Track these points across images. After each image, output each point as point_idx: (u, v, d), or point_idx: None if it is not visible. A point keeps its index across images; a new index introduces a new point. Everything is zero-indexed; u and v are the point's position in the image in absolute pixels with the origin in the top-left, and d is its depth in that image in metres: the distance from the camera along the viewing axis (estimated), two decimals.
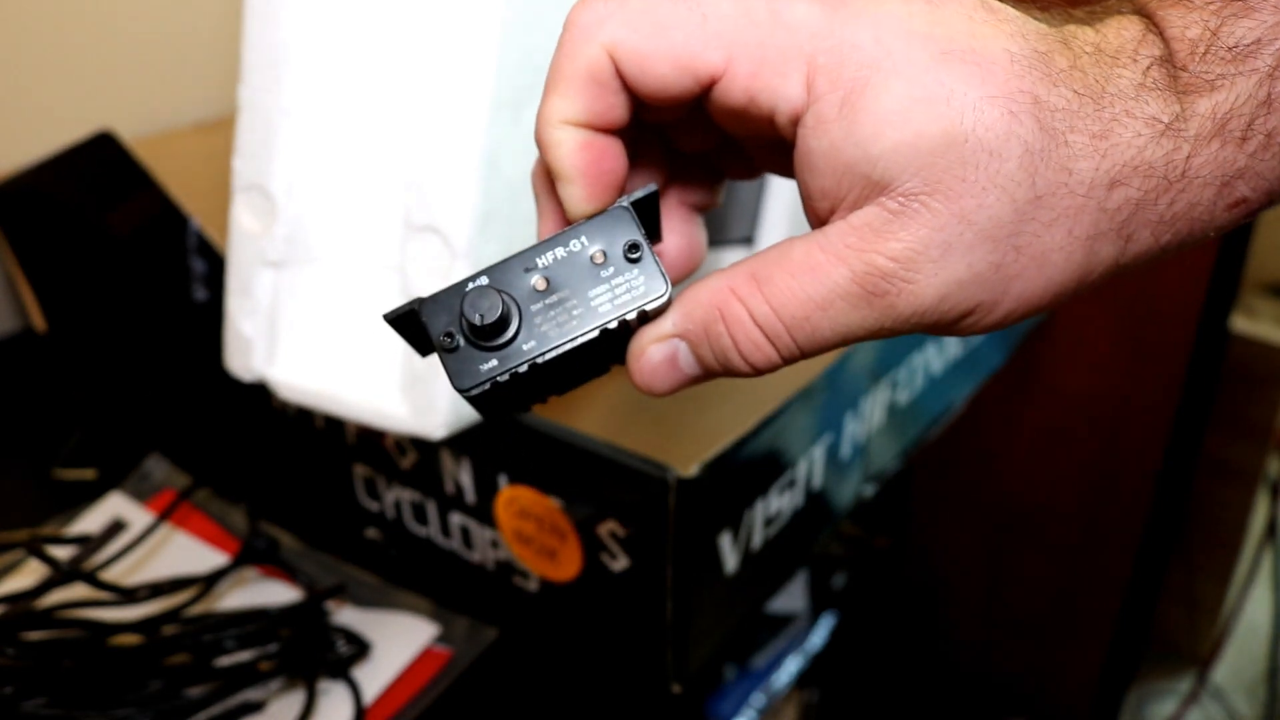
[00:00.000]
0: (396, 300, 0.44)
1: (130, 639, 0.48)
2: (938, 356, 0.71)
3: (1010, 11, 0.23)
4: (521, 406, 0.29)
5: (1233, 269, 0.92)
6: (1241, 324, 1.15)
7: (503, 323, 0.24)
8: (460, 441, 0.50)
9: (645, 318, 0.25)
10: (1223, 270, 0.92)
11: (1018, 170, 0.22)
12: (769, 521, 0.54)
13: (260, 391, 0.49)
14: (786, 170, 0.28)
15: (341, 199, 0.45)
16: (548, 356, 0.24)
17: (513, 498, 0.50)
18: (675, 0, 0.23)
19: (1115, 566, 1.09)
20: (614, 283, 0.24)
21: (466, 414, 0.44)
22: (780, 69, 0.23)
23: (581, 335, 0.24)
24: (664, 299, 0.25)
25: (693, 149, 0.28)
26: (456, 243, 0.41)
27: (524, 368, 0.24)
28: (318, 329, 0.47)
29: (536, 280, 0.24)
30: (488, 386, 0.25)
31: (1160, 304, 0.95)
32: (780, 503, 0.54)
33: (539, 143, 0.25)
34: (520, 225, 0.43)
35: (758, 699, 0.80)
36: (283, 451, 0.61)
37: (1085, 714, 1.18)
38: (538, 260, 0.25)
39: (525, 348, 0.24)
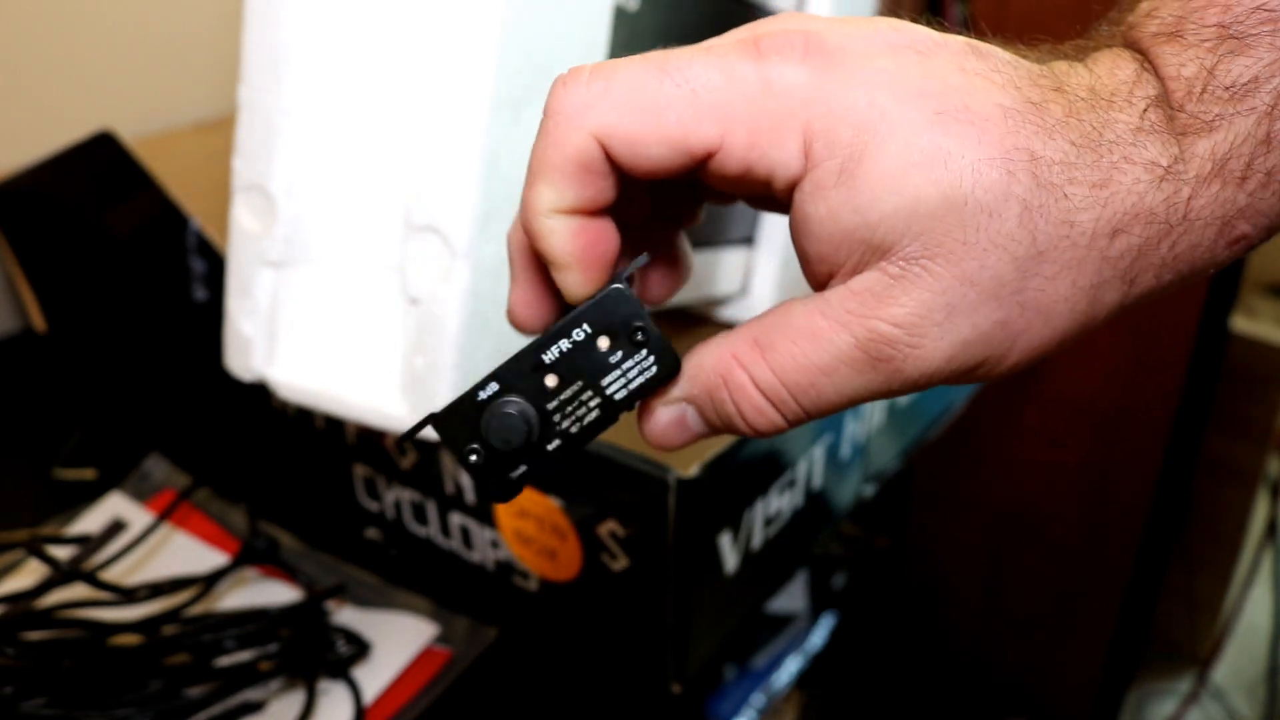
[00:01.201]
0: (396, 300, 0.44)
1: (130, 639, 0.48)
2: None
3: (1001, 56, 0.23)
4: (546, 479, 0.30)
5: (1233, 269, 0.92)
6: (1241, 324, 1.15)
7: (526, 440, 0.24)
8: None
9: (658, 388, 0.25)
10: (1223, 270, 0.92)
11: (1018, 228, 0.22)
12: (769, 521, 0.54)
13: (260, 391, 0.49)
14: (775, 210, 0.27)
15: (341, 199, 0.45)
16: (574, 453, 0.25)
17: None
18: (661, 76, 0.23)
19: (1115, 566, 1.09)
20: (624, 366, 0.24)
21: None
22: (776, 138, 0.22)
23: (602, 425, 0.25)
24: (677, 373, 0.25)
25: (671, 190, 0.28)
26: (456, 243, 0.41)
27: (550, 467, 0.25)
28: (318, 329, 0.47)
29: (548, 378, 0.24)
30: (520, 487, 0.25)
31: (1160, 304, 0.95)
32: (780, 503, 0.54)
33: (529, 232, 0.25)
34: None
35: (758, 699, 0.80)
36: (283, 451, 0.61)
37: (1085, 714, 1.18)
38: (544, 357, 0.24)
39: (550, 448, 0.25)
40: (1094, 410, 1.03)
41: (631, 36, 0.47)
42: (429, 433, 0.25)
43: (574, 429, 0.25)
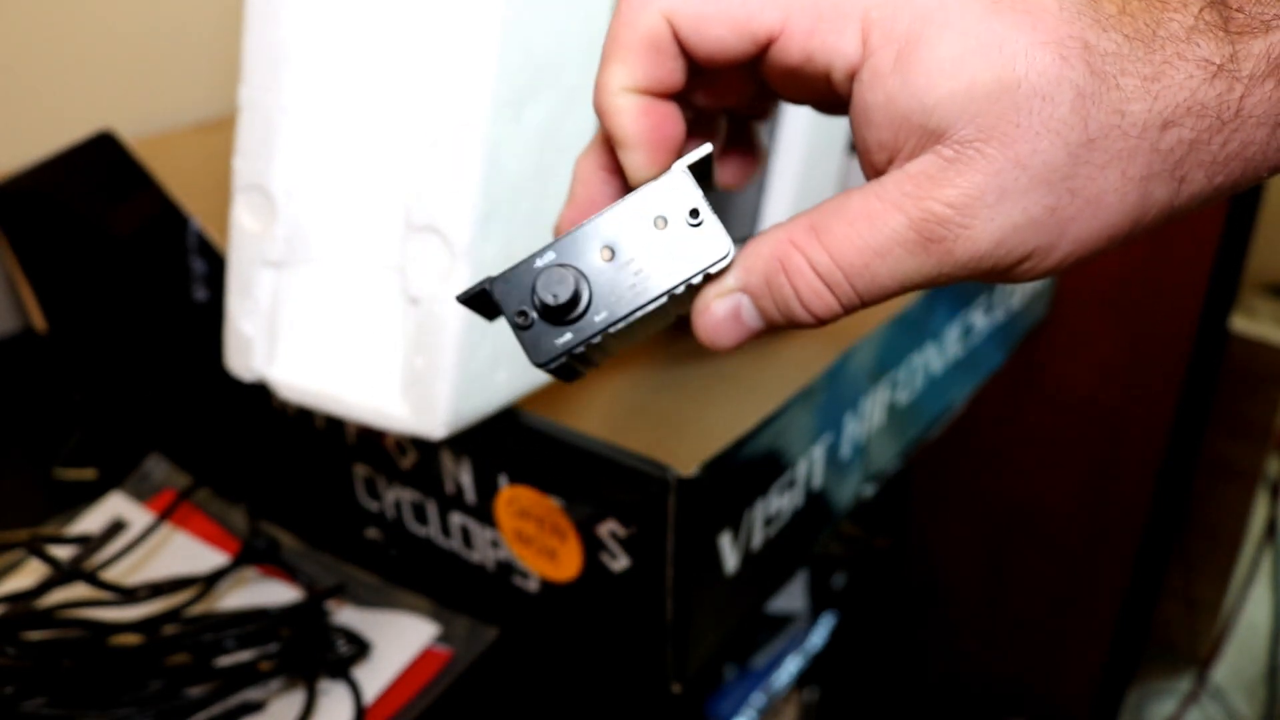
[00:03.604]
0: (396, 300, 0.44)
1: (130, 639, 0.48)
2: (938, 356, 0.71)
3: None
4: (593, 365, 0.30)
5: (1233, 269, 0.92)
6: (1241, 324, 1.15)
7: (574, 300, 0.25)
8: (460, 441, 0.50)
9: (709, 278, 0.26)
10: (1223, 270, 0.92)
11: (1070, 114, 0.22)
12: (769, 521, 0.54)
13: (260, 391, 0.49)
14: (835, 112, 0.28)
15: (341, 199, 0.45)
16: (619, 326, 0.25)
17: (513, 498, 0.50)
18: None
19: (1115, 566, 1.09)
20: (677, 247, 0.25)
21: (466, 414, 0.44)
22: (836, 26, 0.23)
23: (650, 302, 0.25)
24: (727, 260, 0.25)
25: (741, 84, 0.29)
26: (456, 243, 0.41)
27: (597, 338, 0.25)
28: (318, 329, 0.47)
29: (603, 251, 0.25)
30: (564, 359, 0.25)
31: (1160, 304, 0.95)
32: (780, 503, 0.54)
33: (598, 110, 0.25)
34: (520, 225, 0.43)
35: (758, 699, 0.80)
36: (283, 451, 0.61)
37: (1085, 714, 1.18)
38: (602, 230, 0.25)
39: (597, 319, 0.25)
40: (1094, 410, 1.03)
41: None
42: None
43: (620, 302, 0.25)
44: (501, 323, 0.42)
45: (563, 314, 0.25)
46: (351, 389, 0.46)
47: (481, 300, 0.26)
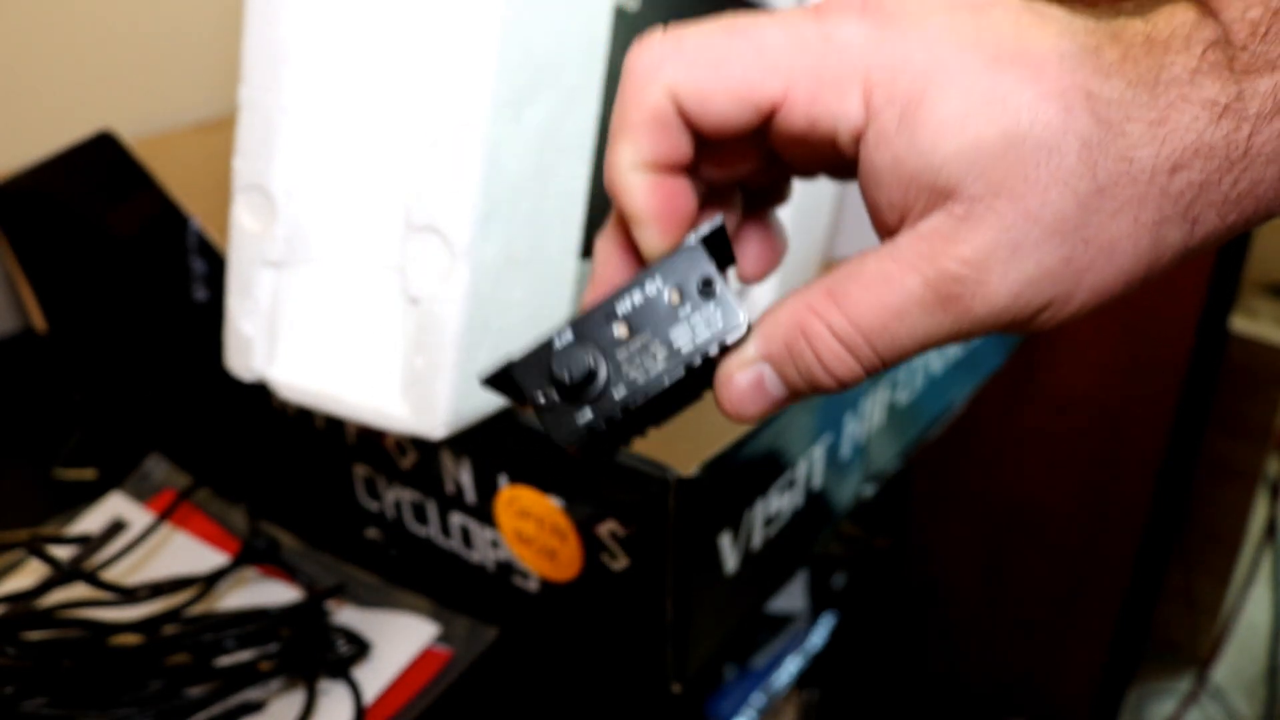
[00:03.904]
0: (396, 300, 0.44)
1: (130, 639, 0.48)
2: (938, 356, 0.71)
3: (1056, 11, 0.24)
4: (623, 442, 0.30)
5: (1233, 269, 0.92)
6: (1241, 324, 1.15)
7: (589, 377, 0.25)
8: (460, 441, 0.50)
9: (726, 349, 0.26)
10: (1222, 271, 0.92)
11: (1078, 164, 0.22)
12: (769, 521, 0.54)
13: (260, 391, 0.49)
14: (845, 176, 0.28)
15: (341, 199, 0.45)
16: (638, 402, 0.25)
17: (513, 498, 0.50)
18: (729, 35, 0.24)
19: (1115, 566, 1.09)
20: (693, 320, 0.25)
21: (467, 414, 0.44)
22: (838, 90, 0.23)
23: (667, 377, 0.25)
24: (742, 330, 0.25)
25: (755, 160, 0.29)
26: (456, 243, 0.41)
27: (617, 414, 0.25)
28: (318, 329, 0.47)
29: (619, 328, 0.25)
30: (585, 436, 0.26)
31: (1160, 304, 0.95)
32: (780, 503, 0.54)
33: (611, 190, 0.26)
34: (520, 225, 0.43)
35: (758, 699, 0.80)
36: (283, 451, 0.61)
37: (1085, 714, 1.18)
38: (618, 308, 0.25)
39: (616, 396, 0.25)
40: (1094, 410, 1.03)
41: (632, 36, 0.47)
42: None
43: (640, 378, 0.25)
44: (502, 323, 0.42)
45: (581, 392, 0.25)
46: (351, 389, 0.46)
47: (504, 381, 0.26)
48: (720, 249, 0.27)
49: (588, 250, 0.49)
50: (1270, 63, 0.22)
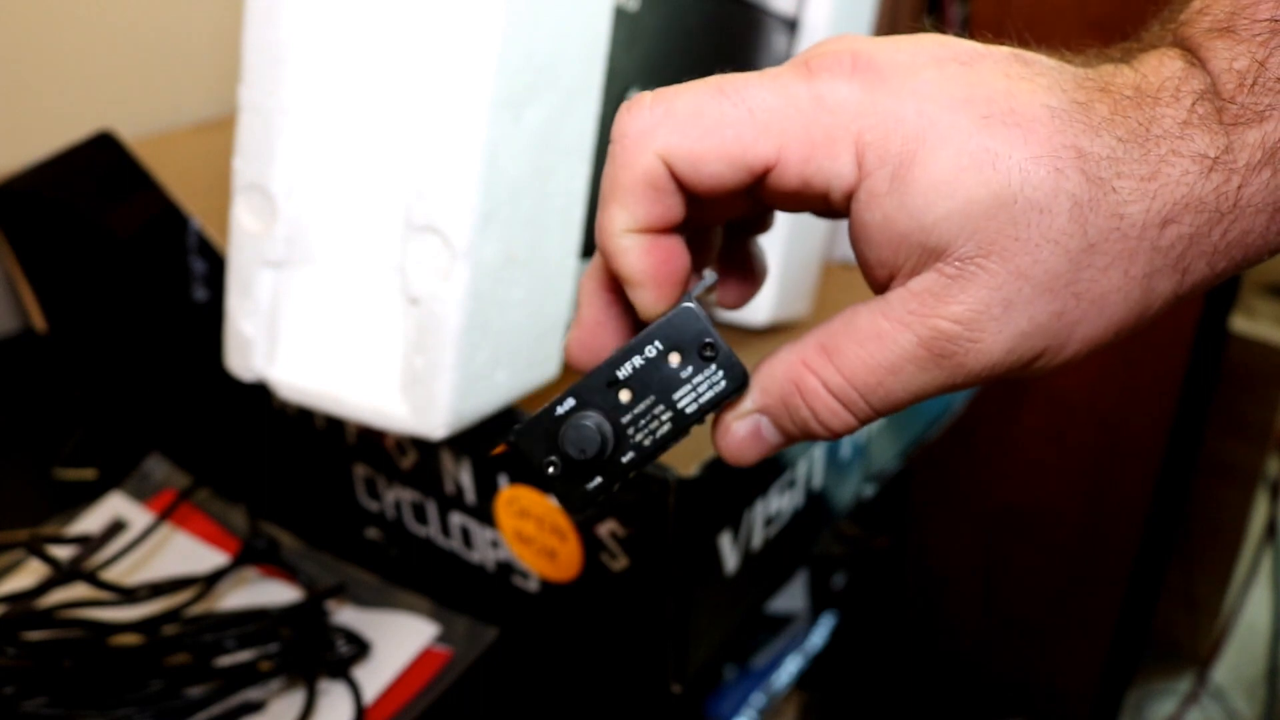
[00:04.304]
0: (396, 300, 0.44)
1: (130, 639, 0.48)
2: None
3: (1045, 62, 0.24)
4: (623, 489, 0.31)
5: None
6: (1241, 324, 1.15)
7: (601, 450, 0.25)
8: (460, 441, 0.50)
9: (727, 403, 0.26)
10: None
11: (1068, 223, 0.22)
12: (769, 521, 0.54)
13: (260, 391, 0.49)
14: (834, 218, 0.29)
15: (341, 199, 0.45)
16: (646, 465, 0.26)
17: (513, 498, 0.50)
18: (719, 97, 0.24)
19: (1115, 566, 1.09)
20: (695, 381, 0.26)
21: (467, 414, 0.44)
22: (830, 151, 0.23)
23: (673, 439, 0.26)
24: (742, 387, 0.26)
25: (739, 203, 0.29)
26: (456, 243, 0.41)
27: (626, 478, 0.26)
28: (318, 329, 0.47)
29: (623, 394, 0.26)
30: (596, 499, 0.26)
31: None
32: (780, 503, 0.54)
33: (605, 253, 0.26)
34: (520, 226, 0.43)
35: (758, 699, 0.80)
36: (283, 451, 0.61)
37: (1085, 714, 1.18)
38: (619, 373, 0.26)
39: (624, 460, 0.26)
40: (1094, 410, 1.03)
41: (631, 36, 0.47)
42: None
43: (647, 441, 0.26)
44: (502, 323, 0.42)
45: (592, 466, 0.26)
46: (351, 389, 0.46)
47: (513, 452, 0.26)
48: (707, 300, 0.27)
49: (588, 250, 0.49)
50: (1259, 114, 0.22)
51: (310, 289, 0.46)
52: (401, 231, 0.43)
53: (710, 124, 0.24)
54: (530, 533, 0.51)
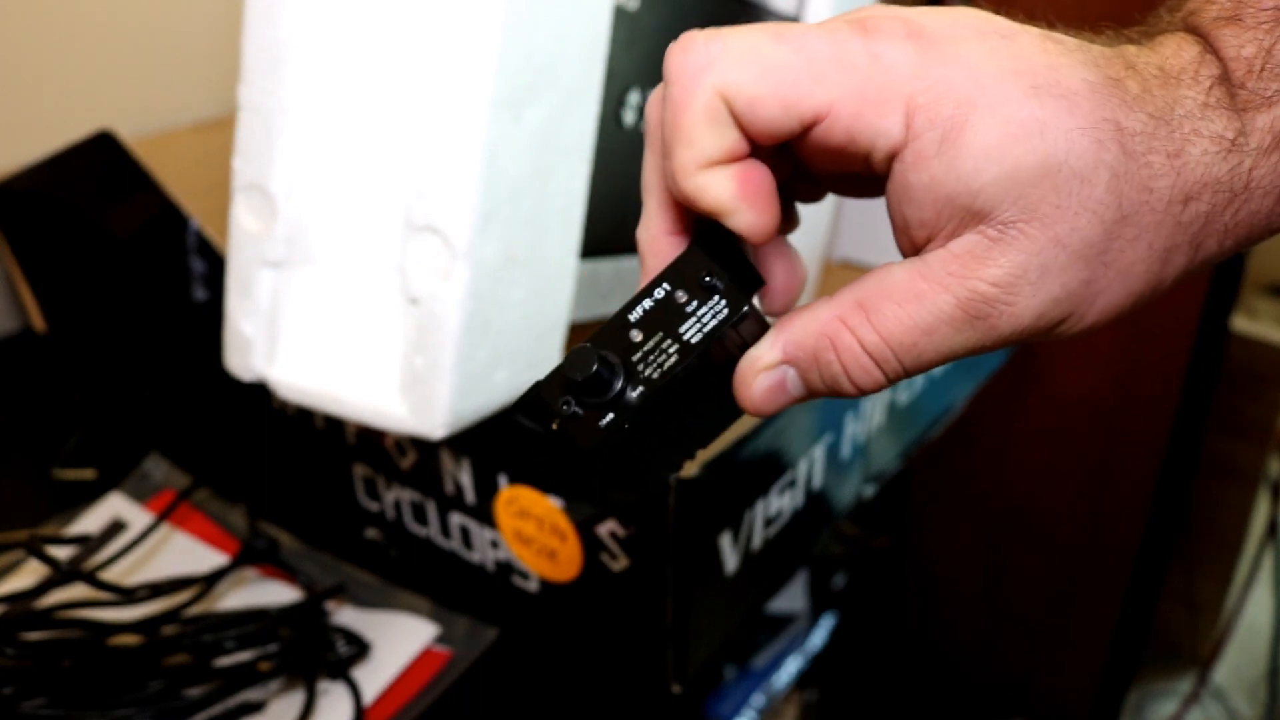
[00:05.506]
0: (396, 300, 0.44)
1: (130, 639, 0.48)
2: None
3: (1073, 41, 0.24)
4: (668, 465, 0.31)
5: (1233, 269, 0.92)
6: (1241, 324, 1.15)
7: (602, 377, 0.26)
8: (460, 441, 0.50)
9: (739, 336, 0.26)
10: (1223, 270, 0.92)
11: (1106, 194, 0.23)
12: (769, 521, 0.54)
13: (260, 391, 0.49)
14: (854, 194, 0.29)
15: (341, 199, 0.45)
16: (656, 397, 0.26)
17: (513, 498, 0.50)
18: (777, 41, 0.24)
19: (1115, 566, 1.09)
20: (700, 313, 0.26)
21: (466, 414, 0.44)
22: (880, 110, 0.24)
23: (681, 369, 0.26)
24: (746, 310, 0.26)
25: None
26: (456, 243, 0.41)
27: (637, 411, 0.26)
28: (318, 329, 0.47)
29: (634, 334, 0.26)
30: (609, 437, 0.26)
31: (1160, 304, 0.94)
32: (780, 503, 0.54)
33: (684, 198, 0.25)
34: (520, 226, 0.43)
35: (758, 699, 0.80)
36: (283, 451, 0.60)
37: (1085, 714, 1.18)
38: (630, 316, 0.26)
39: (634, 395, 0.26)
40: (1094, 410, 1.03)
41: (632, 36, 0.47)
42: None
43: (655, 374, 0.26)
44: (502, 323, 0.42)
45: (596, 392, 0.26)
46: (351, 389, 0.46)
47: (532, 403, 0.27)
48: (732, 255, 0.27)
49: (587, 250, 0.49)
50: (1267, 99, 0.23)
51: (310, 289, 0.46)
52: (401, 231, 0.43)
53: (768, 65, 0.24)
54: (530, 533, 0.51)
